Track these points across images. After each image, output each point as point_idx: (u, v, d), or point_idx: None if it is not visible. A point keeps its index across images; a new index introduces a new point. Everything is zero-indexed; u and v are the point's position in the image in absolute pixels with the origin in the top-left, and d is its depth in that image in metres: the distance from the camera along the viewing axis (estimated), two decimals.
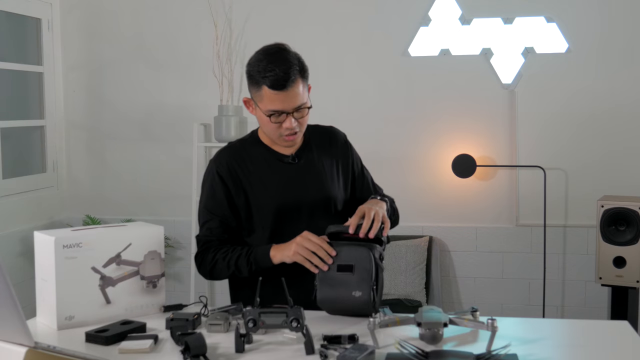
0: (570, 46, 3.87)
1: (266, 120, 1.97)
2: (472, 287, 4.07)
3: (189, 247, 4.21)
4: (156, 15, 4.29)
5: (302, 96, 1.96)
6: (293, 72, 1.92)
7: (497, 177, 4.02)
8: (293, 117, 1.95)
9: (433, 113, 4.04)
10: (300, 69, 1.96)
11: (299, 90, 1.94)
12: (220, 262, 2.04)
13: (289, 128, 1.96)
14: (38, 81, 4.30)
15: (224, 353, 1.63)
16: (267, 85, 1.92)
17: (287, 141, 2.02)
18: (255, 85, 1.97)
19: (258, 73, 1.94)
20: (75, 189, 4.48)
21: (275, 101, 1.93)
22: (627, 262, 3.35)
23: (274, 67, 1.91)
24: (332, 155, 2.15)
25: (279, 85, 1.91)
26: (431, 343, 1.66)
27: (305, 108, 1.98)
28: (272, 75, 1.91)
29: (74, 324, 1.85)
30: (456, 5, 3.96)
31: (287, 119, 1.95)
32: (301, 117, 1.98)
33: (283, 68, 1.91)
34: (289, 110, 1.94)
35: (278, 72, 1.90)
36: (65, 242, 1.83)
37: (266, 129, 2.02)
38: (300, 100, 1.95)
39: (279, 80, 1.90)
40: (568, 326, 1.97)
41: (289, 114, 1.95)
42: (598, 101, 3.87)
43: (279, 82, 1.90)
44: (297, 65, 1.95)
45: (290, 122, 1.95)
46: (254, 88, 1.98)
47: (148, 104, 4.34)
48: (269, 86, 1.92)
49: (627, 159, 3.87)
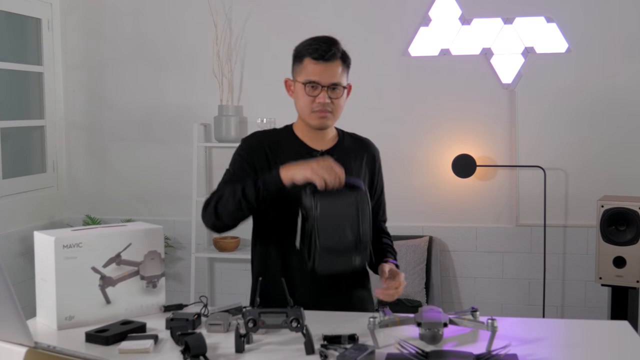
0: (570, 46, 3.87)
1: (301, 94, 2.01)
2: (472, 287, 4.07)
3: (189, 247, 4.21)
4: (156, 15, 4.30)
5: (340, 76, 2.01)
6: (335, 50, 2.00)
7: (497, 177, 4.02)
8: (328, 94, 1.99)
9: (433, 113, 4.04)
10: (343, 55, 2.04)
11: (338, 70, 2.00)
12: (226, 192, 1.97)
13: (321, 103, 1.99)
14: (38, 81, 4.30)
15: (224, 353, 1.63)
16: (309, 55, 1.99)
17: (318, 118, 2.02)
18: (298, 60, 2.04)
19: (303, 47, 2.03)
20: (75, 189, 4.49)
21: (313, 72, 1.99)
22: (627, 262, 3.35)
23: (319, 42, 2.00)
24: (361, 163, 2.14)
25: (320, 56, 1.98)
26: (431, 343, 1.66)
27: (340, 88, 2.01)
28: (315, 47, 1.99)
29: (74, 324, 1.85)
30: (456, 5, 3.96)
31: (322, 93, 1.99)
32: (335, 98, 2.01)
33: (327, 44, 2.00)
34: (324, 83, 1.98)
35: (322, 45, 1.99)
36: (65, 242, 1.83)
37: (300, 103, 2.04)
38: (337, 78, 2.00)
39: (320, 51, 1.98)
40: (568, 326, 1.97)
41: (324, 87, 1.98)
42: (598, 101, 3.87)
43: (320, 53, 1.98)
44: (341, 50, 2.03)
45: (323, 97, 1.99)
46: (296, 63, 2.05)
47: (148, 104, 4.34)
48: (310, 55, 1.99)
49: (627, 159, 3.87)
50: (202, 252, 4.20)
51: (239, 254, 4.12)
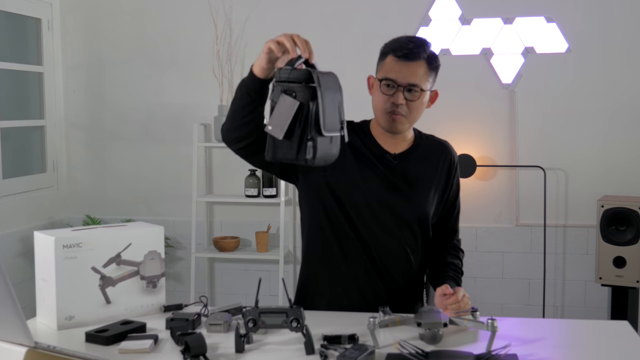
0: (570, 46, 3.87)
1: (377, 91, 1.95)
2: (472, 287, 4.07)
3: (189, 247, 4.21)
4: (156, 15, 4.30)
5: (421, 78, 1.93)
6: (422, 52, 1.93)
7: (497, 177, 4.02)
8: (404, 95, 1.93)
9: (433, 113, 4.02)
10: (430, 58, 1.96)
11: (419, 71, 1.93)
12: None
13: (395, 103, 1.92)
14: (38, 81, 4.30)
15: (224, 353, 1.63)
16: (392, 52, 1.94)
17: (390, 120, 1.95)
18: (382, 57, 1.98)
19: (389, 45, 1.97)
20: (75, 189, 4.49)
21: (392, 69, 1.93)
22: (627, 262, 3.35)
23: (407, 41, 1.94)
24: (435, 168, 2.07)
25: (402, 55, 1.92)
26: (431, 343, 1.66)
27: (418, 91, 1.93)
28: (400, 45, 1.93)
29: (74, 324, 1.85)
30: (456, 5, 3.96)
31: (397, 92, 1.92)
32: (412, 100, 1.94)
33: (414, 44, 1.93)
34: (402, 82, 1.92)
35: (407, 44, 1.93)
36: (65, 242, 1.83)
37: (375, 101, 1.98)
38: (416, 79, 1.92)
39: (403, 50, 1.92)
40: (568, 326, 1.97)
41: (400, 87, 1.92)
42: (598, 101, 3.87)
43: (403, 51, 1.91)
44: (429, 53, 1.95)
45: (399, 98, 1.92)
46: (380, 60, 1.99)
47: (148, 104, 4.34)
48: (394, 52, 1.93)
49: (627, 159, 3.87)
50: (202, 252, 4.20)
51: (239, 254, 4.12)
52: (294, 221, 4.23)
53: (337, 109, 1.70)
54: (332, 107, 1.68)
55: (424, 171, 2.05)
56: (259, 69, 1.82)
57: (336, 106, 1.70)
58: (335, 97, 1.70)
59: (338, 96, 1.71)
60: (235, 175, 4.18)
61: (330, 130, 1.67)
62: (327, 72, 1.72)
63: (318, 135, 1.64)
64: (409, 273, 2.06)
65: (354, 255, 2.01)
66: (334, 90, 1.70)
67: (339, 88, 1.72)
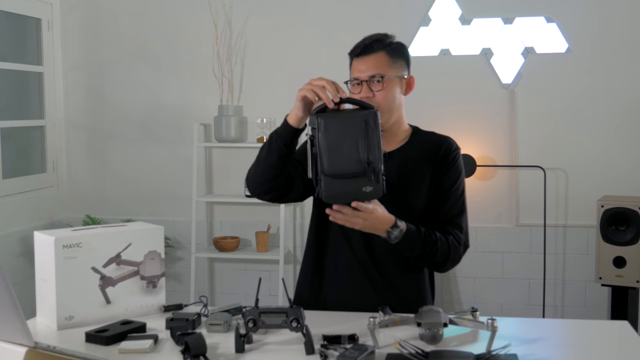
0: (570, 46, 3.87)
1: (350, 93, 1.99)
2: (472, 287, 4.07)
3: (189, 247, 4.21)
4: (156, 15, 4.30)
5: (381, 67, 1.96)
6: (377, 44, 1.97)
7: (497, 177, 4.02)
8: (370, 87, 1.95)
9: (433, 113, 4.04)
10: (392, 47, 1.99)
11: (379, 61, 1.96)
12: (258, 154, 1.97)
13: (363, 98, 1.94)
14: (38, 81, 4.30)
15: (224, 353, 1.63)
16: (352, 54, 2.00)
17: None
18: (350, 61, 2.02)
19: (351, 50, 2.01)
20: (75, 189, 4.49)
21: (355, 69, 1.98)
22: (627, 262, 3.35)
23: (363, 40, 1.99)
24: (429, 163, 2.03)
25: (360, 52, 1.96)
26: (431, 343, 1.66)
27: (381, 79, 1.94)
28: (357, 46, 1.98)
29: (74, 324, 1.85)
30: (456, 5, 3.96)
31: (363, 88, 1.96)
32: (379, 90, 1.95)
33: (369, 40, 1.98)
34: (362, 77, 1.96)
35: (363, 42, 1.97)
36: (65, 242, 1.83)
37: None
38: (376, 69, 1.95)
39: (359, 47, 1.97)
40: (568, 326, 1.98)
41: (364, 82, 1.95)
42: (598, 101, 3.87)
43: (360, 49, 1.96)
44: (387, 43, 1.98)
45: (364, 92, 1.95)
46: (350, 68, 2.03)
47: (148, 104, 4.34)
48: (353, 54, 1.99)
49: (627, 159, 3.87)
50: (202, 252, 4.20)
51: (239, 254, 4.12)
52: (294, 221, 4.23)
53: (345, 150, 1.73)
54: (335, 149, 1.73)
55: (416, 167, 2.03)
56: (295, 119, 1.86)
57: (343, 148, 1.73)
58: (345, 138, 1.73)
59: (352, 137, 1.74)
60: (235, 175, 4.18)
61: (336, 170, 1.72)
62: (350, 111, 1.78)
63: (323, 176, 1.74)
64: (406, 270, 2.04)
65: (348, 255, 2.02)
66: (343, 132, 1.74)
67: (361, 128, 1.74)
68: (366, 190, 1.74)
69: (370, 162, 1.73)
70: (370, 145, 1.73)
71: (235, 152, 4.24)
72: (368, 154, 1.73)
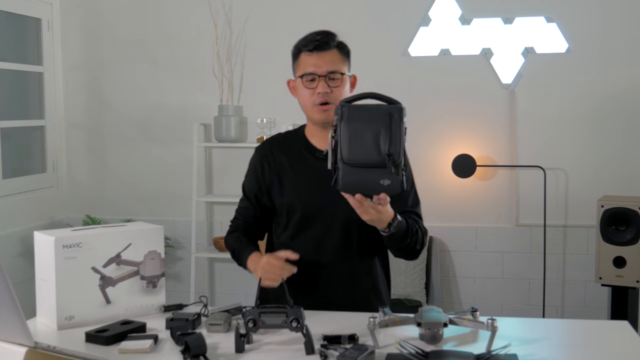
0: (570, 46, 3.87)
1: (301, 88, 2.00)
2: (472, 287, 4.07)
3: (189, 247, 4.21)
4: (156, 15, 4.30)
5: (337, 64, 1.99)
6: (331, 41, 1.99)
7: (497, 177, 4.02)
8: (327, 83, 1.96)
9: (433, 113, 4.04)
10: (340, 45, 2.02)
11: (335, 58, 1.99)
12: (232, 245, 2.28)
13: (321, 93, 1.96)
14: (38, 81, 4.30)
15: (224, 353, 1.63)
16: (303, 49, 2.00)
17: (320, 111, 1.99)
18: (296, 57, 2.04)
19: (298, 44, 2.03)
20: (75, 189, 4.49)
21: (309, 64, 1.98)
22: (627, 262, 3.35)
23: (314, 35, 2.01)
24: None
25: (314, 47, 1.97)
26: (431, 343, 1.66)
27: (339, 76, 1.98)
28: (309, 40, 2.00)
29: (74, 324, 1.85)
30: (456, 5, 3.96)
31: (320, 83, 1.97)
32: (335, 87, 1.98)
33: (322, 36, 2.00)
34: (321, 72, 1.97)
35: (315, 37, 1.99)
36: (65, 242, 1.83)
37: (302, 99, 2.03)
38: (334, 66, 1.98)
39: (313, 43, 1.98)
40: (568, 326, 1.97)
41: (321, 77, 1.96)
42: (598, 101, 3.87)
43: (314, 44, 1.98)
44: (337, 40, 2.02)
45: (322, 87, 1.96)
46: (295, 61, 2.04)
47: (148, 104, 4.34)
48: (305, 48, 1.99)
49: (627, 159, 3.87)
50: (202, 252, 4.20)
51: None
52: None
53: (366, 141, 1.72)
54: (357, 138, 1.72)
55: None
56: None
57: (365, 138, 1.73)
58: (367, 129, 1.73)
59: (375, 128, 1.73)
60: (235, 175, 4.16)
61: (355, 159, 1.71)
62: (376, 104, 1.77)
63: (342, 164, 1.73)
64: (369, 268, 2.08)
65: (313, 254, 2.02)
66: (366, 123, 1.73)
67: (385, 120, 1.74)
68: (384, 183, 1.72)
69: (391, 154, 1.72)
70: (392, 138, 1.73)
71: (235, 152, 4.23)
72: (390, 146, 1.72)
